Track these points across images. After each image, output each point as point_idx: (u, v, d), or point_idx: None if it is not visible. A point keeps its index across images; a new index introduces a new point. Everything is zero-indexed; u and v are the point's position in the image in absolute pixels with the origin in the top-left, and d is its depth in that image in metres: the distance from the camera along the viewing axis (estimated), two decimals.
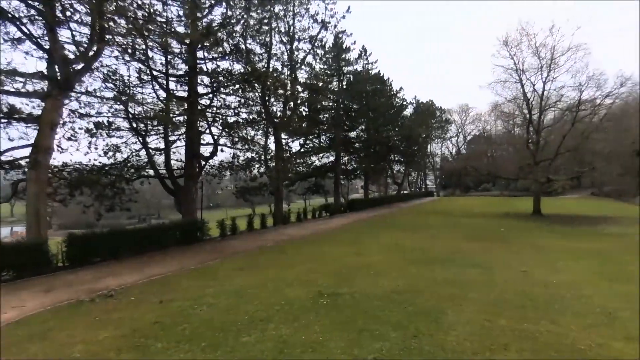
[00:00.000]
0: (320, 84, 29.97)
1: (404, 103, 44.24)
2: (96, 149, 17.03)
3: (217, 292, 7.71)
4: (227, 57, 17.04)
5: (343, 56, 32.57)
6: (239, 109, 18.79)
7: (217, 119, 18.56)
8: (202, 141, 19.03)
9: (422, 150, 54.68)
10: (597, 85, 20.87)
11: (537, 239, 14.74)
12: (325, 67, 32.97)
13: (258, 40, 19.95)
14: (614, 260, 10.73)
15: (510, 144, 29.13)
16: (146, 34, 14.18)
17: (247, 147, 19.22)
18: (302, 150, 31.36)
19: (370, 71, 35.10)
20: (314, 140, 34.94)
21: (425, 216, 25.78)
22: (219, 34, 16.59)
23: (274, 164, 22.49)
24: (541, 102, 22.82)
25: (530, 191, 25.98)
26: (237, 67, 18.64)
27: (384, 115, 37.97)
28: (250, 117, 20.75)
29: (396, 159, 46.50)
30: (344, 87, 34.18)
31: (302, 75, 26.98)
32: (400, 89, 43.43)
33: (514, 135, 30.15)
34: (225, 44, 16.53)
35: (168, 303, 7.04)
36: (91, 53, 12.65)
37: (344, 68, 33.19)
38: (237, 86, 18.23)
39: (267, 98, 21.35)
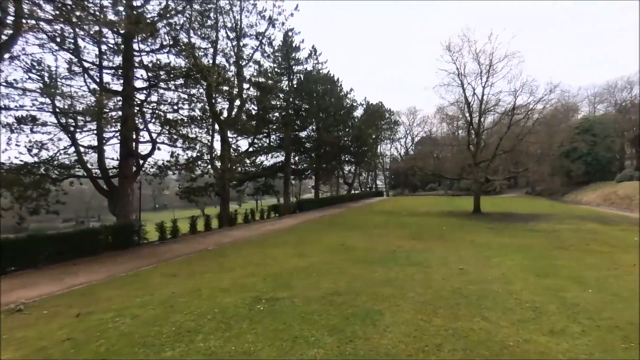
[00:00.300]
0: (270, 82, 29.52)
1: (354, 104, 44.98)
2: (17, 145, 15.43)
3: (144, 302, 7.16)
4: (165, 50, 16.10)
5: (293, 55, 32.41)
6: (179, 105, 17.83)
7: (155, 115, 17.50)
8: (141, 139, 17.92)
9: (372, 150, 56.06)
10: (530, 92, 22.59)
11: (475, 236, 15.47)
12: (275, 65, 32.59)
13: (200, 34, 19.13)
14: (542, 255, 11.44)
15: (453, 145, 30.60)
16: (75, 20, 13.02)
17: (188, 145, 18.30)
18: (251, 149, 30.70)
19: (320, 71, 35.27)
20: (263, 139, 34.41)
21: (373, 215, 26.29)
22: (159, 25, 15.69)
23: (220, 164, 21.74)
24: (481, 105, 24.22)
25: (471, 191, 27.44)
26: (180, 62, 17.79)
27: (334, 115, 38.30)
28: (193, 114, 19.87)
29: (347, 159, 47.21)
30: (294, 86, 34.03)
31: (250, 73, 26.41)
32: (351, 90, 44.16)
33: (458, 137, 31.81)
34: (164, 36, 15.61)
35: (86, 316, 6.40)
36: (4, 38, 11.32)
37: (294, 67, 33.05)
38: (179, 81, 17.33)
39: (212, 95, 20.58)
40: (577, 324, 5.68)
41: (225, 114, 23.06)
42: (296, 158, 38.42)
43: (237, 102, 22.92)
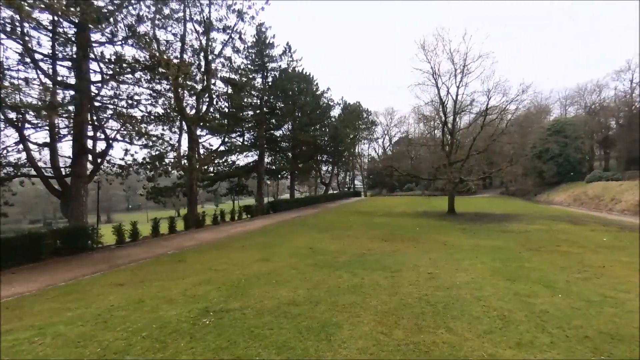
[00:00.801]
0: (243, 79, 28.66)
1: (331, 103, 44.59)
2: None
3: (76, 316, 6.35)
4: (121, 41, 15.07)
5: (267, 52, 31.63)
6: (138, 101, 16.77)
7: (112, 110, 16.41)
8: (99, 135, 16.79)
9: (350, 150, 55.77)
10: (503, 92, 22.61)
11: (448, 237, 15.20)
12: (248, 62, 31.68)
13: (164, 26, 18.12)
14: (513, 258, 11.20)
15: (428, 145, 30.52)
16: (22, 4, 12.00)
17: (148, 143, 17.25)
18: (223, 148, 29.71)
19: (295, 69, 34.57)
20: (237, 138, 33.46)
21: (348, 216, 25.84)
22: (116, 14, 14.68)
23: (187, 163, 20.78)
24: (455, 105, 24.11)
25: (446, 190, 27.39)
26: (142, 55, 16.76)
27: (310, 114, 37.71)
28: (156, 110, 18.88)
29: (324, 159, 46.68)
30: (269, 84, 33.23)
31: (221, 69, 25.47)
32: (328, 89, 43.77)
33: (434, 137, 31.81)
34: (121, 27, 14.60)
35: (2, 335, 5.56)
36: None
37: (268, 64, 32.26)
38: (139, 75, 16.31)
39: (179, 91, 19.63)
40: (546, 334, 5.28)
41: (194, 111, 22.10)
42: (270, 158, 37.65)
43: (205, 98, 21.94)
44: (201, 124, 24.73)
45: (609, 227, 18.34)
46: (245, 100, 32.63)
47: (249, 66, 31.64)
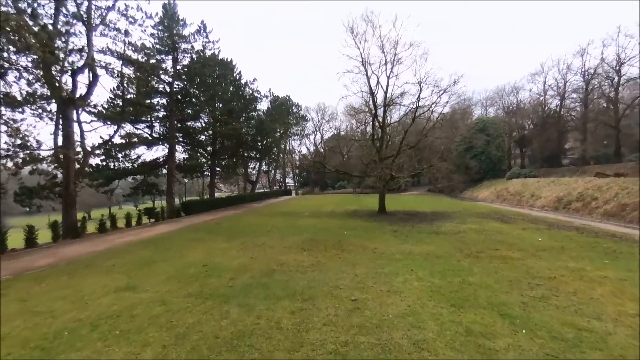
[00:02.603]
0: (151, 61, 24.33)
1: (258, 95, 41.19)
2: None
3: None
4: None
5: (177, 29, 27.32)
6: None
7: None
8: None
9: (279, 146, 52.83)
10: (434, 84, 21.35)
11: (378, 243, 13.12)
12: (156, 41, 27.18)
13: None
14: (452, 268, 9.37)
15: (358, 140, 28.71)
16: None
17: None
18: (121, 140, 25.02)
19: (214, 53, 30.51)
20: (144, 130, 28.74)
21: (270, 218, 22.99)
22: None
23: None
24: (385, 96, 22.43)
25: (377, 188, 25.78)
26: None
27: (232, 104, 34.00)
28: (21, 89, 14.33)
29: (249, 154, 43.08)
30: (184, 69, 28.94)
31: (114, 42, 20.95)
32: (254, 80, 40.37)
33: (364, 131, 30.16)
34: None
35: None
36: None
37: (179, 44, 27.89)
38: None
39: (51, 66, 15.23)
40: None
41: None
42: (187, 153, 33.31)
43: (84, 75, 17.55)
44: (89, 110, 20.13)
45: (538, 225, 17.82)
46: (155, 85, 28.11)
47: (157, 46, 27.17)
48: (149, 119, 28.73)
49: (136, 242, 14.65)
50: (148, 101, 27.93)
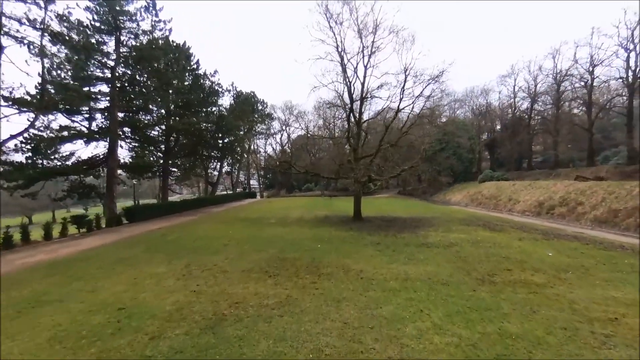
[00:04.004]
0: (89, 41, 20.35)
1: (219, 89, 37.49)
2: None
3: None
4: None
5: (120, 3, 23.26)
6: None
7: None
8: None
9: (242, 145, 49.09)
10: (416, 75, 18.97)
11: (363, 263, 10.39)
12: (94, 17, 23.05)
13: None
14: (472, 303, 6.95)
15: (330, 138, 25.86)
16: None
17: None
18: (50, 134, 20.80)
19: (162, 32, 26.56)
20: (81, 123, 24.47)
21: (230, 226, 19.71)
22: None
23: None
24: (362, 88, 19.76)
25: (350, 191, 23.08)
26: None
27: (189, 96, 30.16)
28: None
29: (209, 153, 39.12)
30: (130, 52, 24.94)
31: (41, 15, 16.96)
32: (215, 72, 36.69)
33: (336, 127, 27.45)
34: None
35: None
36: None
37: (122, 22, 23.82)
38: None
39: None
40: None
41: None
42: (135, 150, 29.13)
43: None
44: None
45: (532, 234, 15.91)
46: (94, 70, 24.02)
47: (96, 24, 23.05)
48: (88, 110, 24.51)
49: (40, 266, 10.98)
50: (87, 88, 23.78)
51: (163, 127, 30.33)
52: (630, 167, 27.49)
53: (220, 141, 38.38)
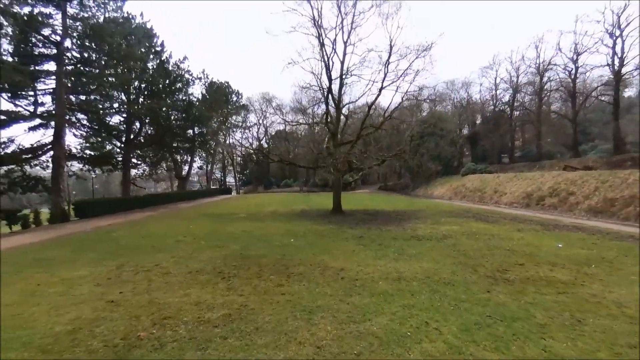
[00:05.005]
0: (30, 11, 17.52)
1: (189, 76, 34.74)
2: None
3: None
4: None
5: None
6: None
7: None
8: None
9: (216, 139, 46.23)
10: (401, 54, 17.16)
11: (344, 259, 8.46)
12: None
13: None
14: (492, 308, 5.22)
15: (308, 124, 23.76)
16: None
17: None
18: None
19: (117, 3, 23.51)
20: (25, 107, 21.47)
21: (192, 222, 17.40)
22: None
23: None
24: (342, 67, 17.76)
25: (331, 186, 21.07)
26: None
27: (152, 81, 27.35)
28: None
29: (178, 145, 36.17)
30: (80, 26, 22.02)
31: None
32: (185, 58, 33.95)
33: (315, 114, 25.38)
34: None
35: None
36: None
37: None
38: None
39: None
40: None
41: None
42: (92, 138, 26.16)
43: None
44: None
45: (529, 225, 14.46)
46: (39, 46, 21.16)
47: None
48: (32, 92, 21.57)
49: None
50: (33, 67, 20.90)
51: (124, 115, 27.44)
52: (616, 157, 26.70)
53: (190, 131, 35.63)
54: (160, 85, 29.02)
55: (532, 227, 13.70)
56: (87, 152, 25.72)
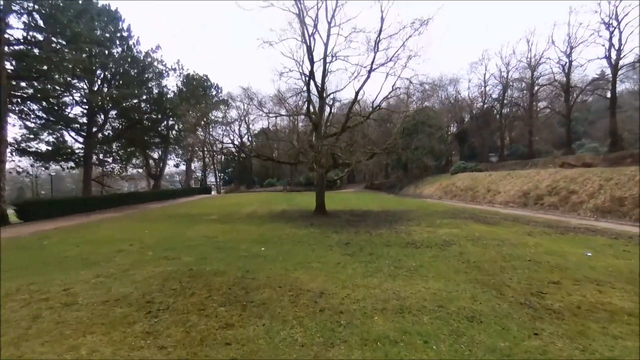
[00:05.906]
0: None
1: (162, 67, 32.10)
2: None
3: None
4: None
5: None
6: None
7: None
8: None
9: (194, 135, 43.41)
10: (394, 31, 15.18)
11: (324, 277, 6.44)
12: None
13: None
14: (510, 356, 3.15)
15: (289, 116, 21.60)
16: None
17: None
18: None
19: None
20: None
21: (153, 224, 15.12)
22: None
23: None
24: (326, 50, 15.66)
25: (312, 179, 18.94)
26: None
27: (118, 68, 24.71)
28: None
29: (149, 140, 33.41)
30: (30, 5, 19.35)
31: None
32: (157, 47, 31.36)
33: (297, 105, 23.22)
34: None
35: None
36: None
37: None
38: None
39: None
40: None
41: None
42: (47, 130, 23.38)
43: None
44: None
45: (539, 227, 12.69)
46: None
47: None
48: None
49: None
50: None
51: (86, 106, 24.74)
52: (615, 154, 25.47)
53: (163, 125, 32.99)
54: (128, 75, 26.35)
55: (542, 230, 11.94)
56: (39, 146, 22.97)
